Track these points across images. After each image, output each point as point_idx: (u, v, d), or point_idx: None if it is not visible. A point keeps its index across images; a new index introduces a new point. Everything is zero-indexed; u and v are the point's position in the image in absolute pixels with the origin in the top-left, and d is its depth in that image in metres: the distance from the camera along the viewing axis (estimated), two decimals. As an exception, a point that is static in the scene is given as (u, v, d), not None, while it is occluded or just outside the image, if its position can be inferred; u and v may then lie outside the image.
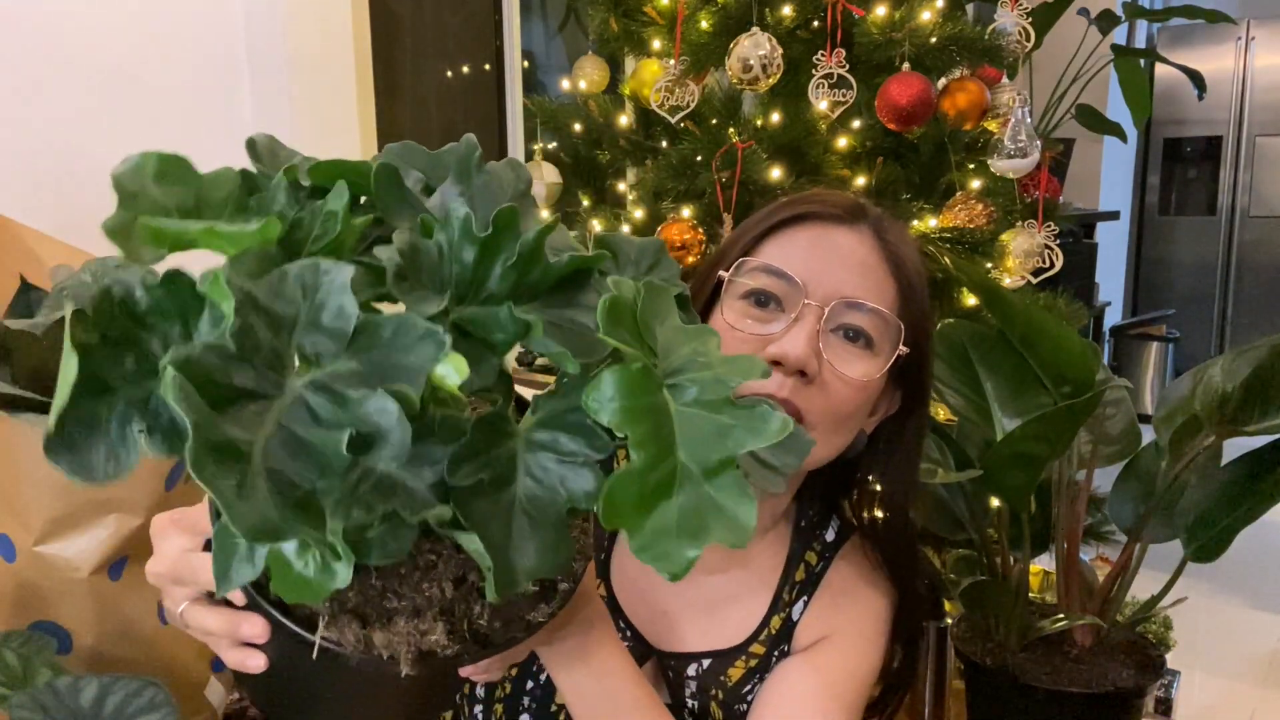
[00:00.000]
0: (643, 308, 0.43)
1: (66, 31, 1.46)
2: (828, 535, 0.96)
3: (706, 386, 0.42)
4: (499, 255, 0.44)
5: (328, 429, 0.36)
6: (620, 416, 0.39)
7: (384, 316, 0.39)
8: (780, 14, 1.57)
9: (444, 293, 0.43)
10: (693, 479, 0.40)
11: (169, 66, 1.59)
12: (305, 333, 0.37)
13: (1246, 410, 1.03)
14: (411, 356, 0.38)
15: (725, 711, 0.88)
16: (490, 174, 0.50)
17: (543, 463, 0.44)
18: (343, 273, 0.38)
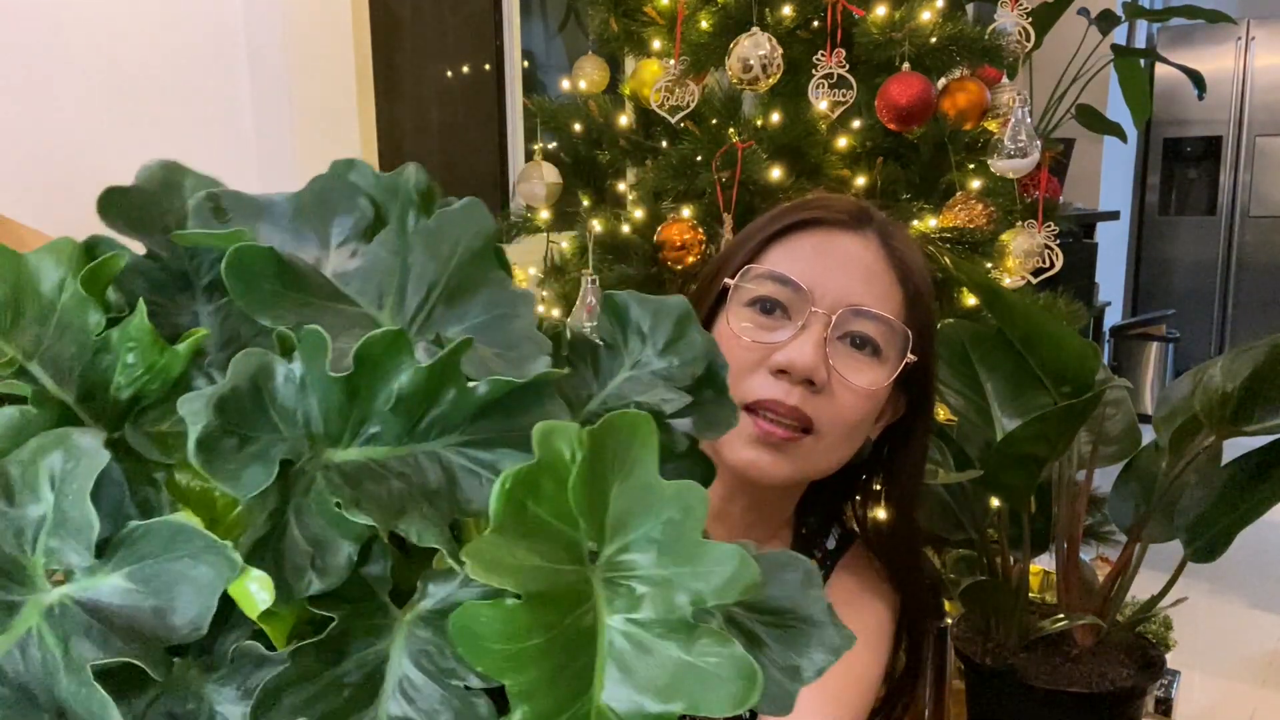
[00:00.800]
0: (585, 464, 0.29)
1: (67, 32, 1.46)
2: (829, 544, 0.96)
3: (663, 595, 0.29)
4: (372, 393, 0.31)
5: (44, 698, 0.27)
6: (494, 663, 0.27)
7: (152, 523, 0.29)
8: (780, 14, 1.57)
9: (310, 434, 0.31)
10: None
11: (169, 66, 1.59)
12: (52, 538, 0.28)
13: (1246, 410, 1.03)
14: (195, 575, 0.28)
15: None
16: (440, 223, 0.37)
17: (419, 679, 0.31)
18: (93, 460, 0.28)
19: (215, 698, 0.30)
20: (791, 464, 0.81)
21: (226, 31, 1.67)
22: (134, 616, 0.28)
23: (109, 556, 0.29)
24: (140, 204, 0.37)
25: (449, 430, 0.33)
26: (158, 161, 0.39)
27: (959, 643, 1.17)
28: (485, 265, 0.37)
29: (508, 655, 0.27)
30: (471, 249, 0.37)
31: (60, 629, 0.27)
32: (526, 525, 0.28)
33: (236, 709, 0.30)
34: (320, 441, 0.31)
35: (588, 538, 0.30)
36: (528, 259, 1.94)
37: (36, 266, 0.34)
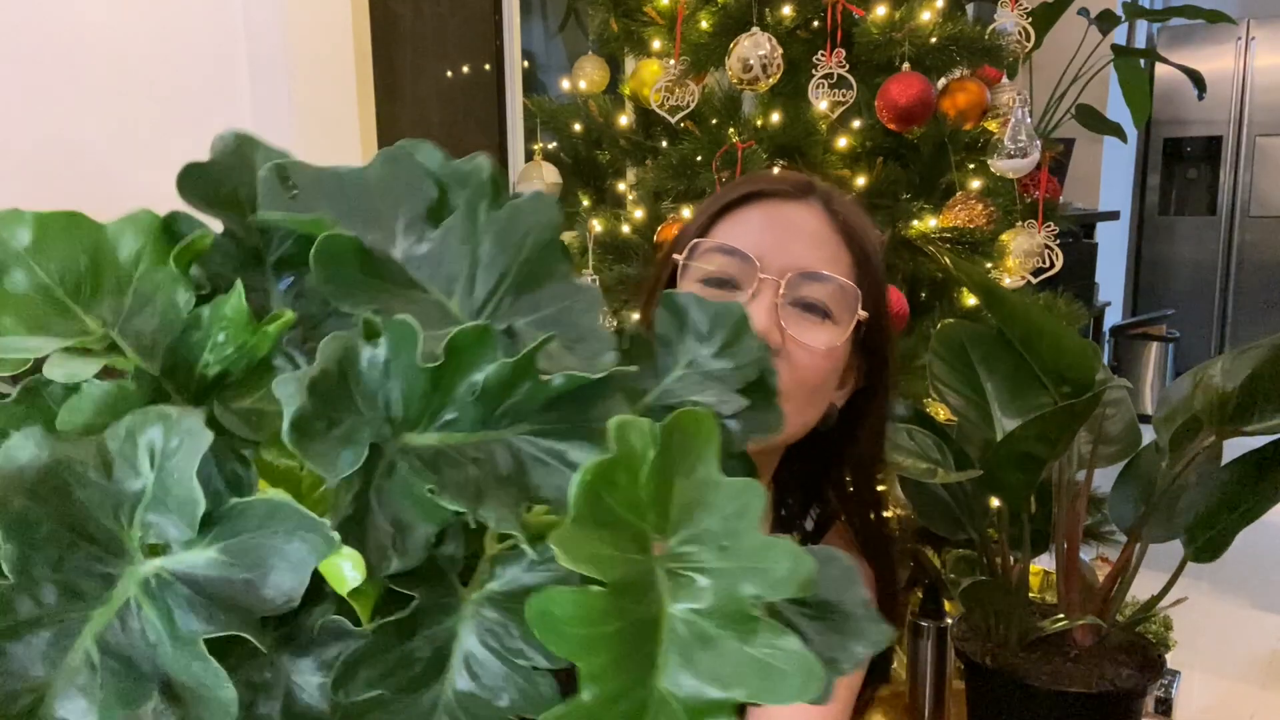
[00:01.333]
0: (656, 467, 0.30)
1: (67, 32, 1.46)
2: (807, 525, 0.96)
3: (727, 588, 0.30)
4: (455, 383, 0.32)
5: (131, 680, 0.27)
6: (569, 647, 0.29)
7: (252, 501, 0.30)
8: (780, 14, 1.57)
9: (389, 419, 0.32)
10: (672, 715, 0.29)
11: (169, 66, 1.59)
12: (151, 511, 0.29)
13: (1246, 410, 1.03)
14: (289, 547, 0.29)
15: None
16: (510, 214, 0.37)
17: (484, 655, 0.33)
18: (197, 441, 0.29)
19: (292, 669, 0.31)
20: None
21: (226, 31, 1.67)
22: (226, 589, 0.28)
23: (205, 531, 0.29)
24: (216, 178, 0.37)
25: (521, 419, 0.33)
26: (231, 131, 0.38)
27: (959, 642, 1.17)
28: (553, 258, 0.37)
29: (583, 639, 0.28)
30: (541, 241, 0.37)
31: (160, 601, 0.28)
32: (601, 516, 0.29)
33: (314, 680, 0.31)
34: (399, 425, 0.31)
35: (654, 530, 0.30)
36: (528, 259, 1.93)
37: (115, 237, 0.34)
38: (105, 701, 0.27)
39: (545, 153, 1.87)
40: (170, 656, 0.28)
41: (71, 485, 0.29)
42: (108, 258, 0.34)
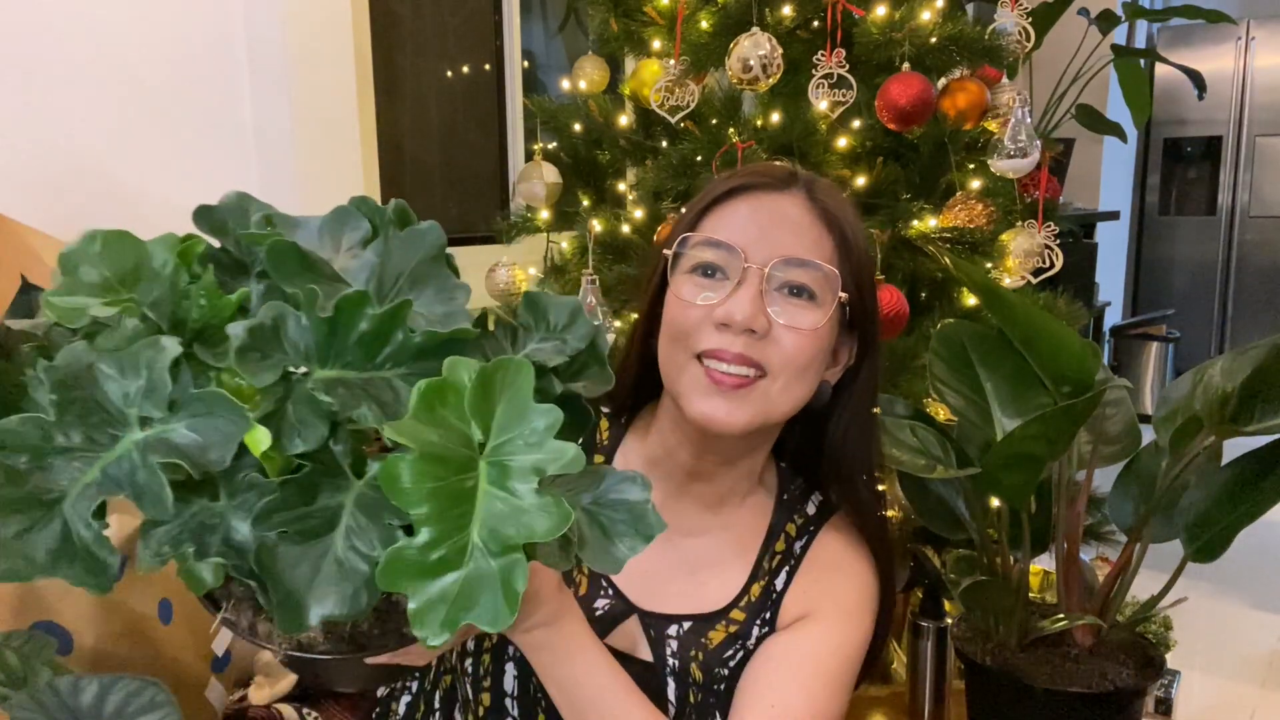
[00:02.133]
0: (477, 389, 0.46)
1: (67, 31, 1.46)
2: (808, 509, 0.98)
3: (520, 470, 0.46)
4: (348, 332, 0.49)
5: (114, 488, 0.45)
6: (405, 498, 0.44)
7: (203, 392, 0.47)
8: (780, 14, 1.57)
9: (306, 358, 0.49)
10: (482, 555, 0.44)
11: (169, 66, 1.59)
12: (144, 399, 0.47)
13: (1246, 410, 1.03)
14: (224, 425, 0.46)
15: (705, 674, 0.91)
16: (408, 237, 0.56)
17: (363, 520, 0.49)
18: (169, 352, 0.47)
19: (231, 516, 0.48)
20: (747, 410, 0.86)
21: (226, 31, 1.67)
22: (187, 448, 0.46)
23: (175, 412, 0.47)
24: (219, 217, 0.56)
25: (398, 364, 0.51)
26: (234, 192, 0.58)
27: (959, 642, 1.17)
28: (437, 265, 0.57)
29: (410, 492, 0.44)
30: (429, 255, 0.57)
31: (142, 450, 0.46)
32: (433, 417, 0.46)
33: (244, 524, 0.48)
34: (312, 363, 0.49)
35: (478, 433, 0.47)
36: (528, 259, 1.93)
37: (151, 251, 0.51)
38: (100, 506, 0.45)
39: (545, 153, 1.87)
40: (140, 478, 0.45)
41: (99, 377, 0.47)
42: (146, 262, 0.51)
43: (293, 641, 0.57)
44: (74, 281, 0.50)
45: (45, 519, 0.44)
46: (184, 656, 1.07)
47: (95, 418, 0.46)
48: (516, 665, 0.92)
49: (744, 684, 0.89)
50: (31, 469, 0.44)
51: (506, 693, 0.92)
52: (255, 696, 1.24)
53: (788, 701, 0.86)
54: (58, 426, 0.45)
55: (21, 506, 0.44)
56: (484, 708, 0.93)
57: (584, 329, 0.61)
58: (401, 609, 0.55)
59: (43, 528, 0.44)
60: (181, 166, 1.60)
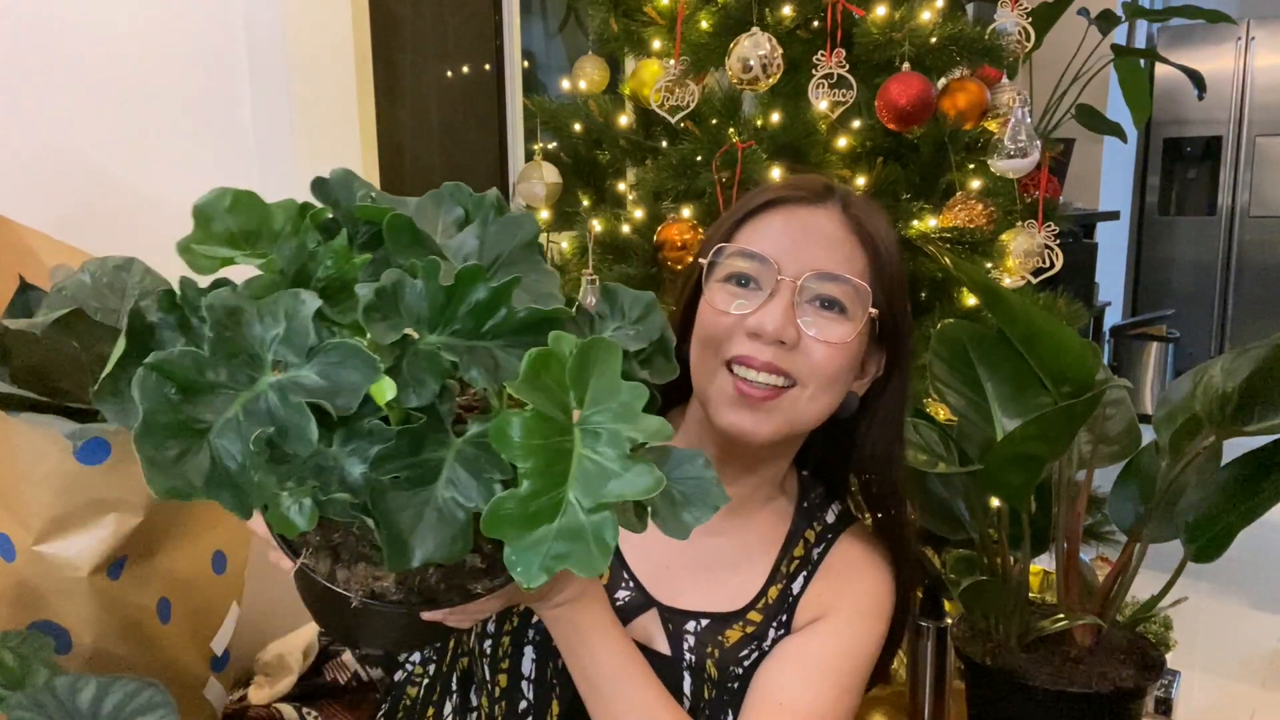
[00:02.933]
0: (577, 362, 0.51)
1: (66, 31, 1.46)
2: (828, 517, 1.00)
3: (612, 438, 0.51)
4: (461, 301, 0.55)
5: (263, 422, 0.50)
6: (514, 451, 0.49)
7: (337, 341, 0.51)
8: (780, 14, 1.56)
9: (419, 322, 0.54)
10: (574, 511, 0.49)
11: (169, 67, 1.59)
12: (281, 345, 0.51)
13: (1246, 410, 1.03)
14: (353, 374, 0.50)
15: (720, 671, 0.92)
16: (505, 223, 0.63)
17: (463, 473, 0.54)
18: (310, 305, 0.51)
19: (345, 461, 0.53)
20: (773, 420, 0.88)
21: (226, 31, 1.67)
22: (318, 392, 0.50)
23: (308, 359, 0.51)
24: (330, 190, 0.61)
25: (499, 336, 0.56)
26: (342, 169, 0.62)
27: (959, 642, 1.17)
28: (531, 250, 0.64)
29: (520, 447, 0.49)
30: (524, 239, 0.64)
31: (279, 390, 0.51)
32: (539, 384, 0.50)
33: (357, 468, 0.53)
34: (422, 329, 0.55)
35: (575, 403, 0.52)
36: (528, 259, 1.93)
37: (273, 213, 0.56)
38: (241, 437, 0.49)
39: (545, 153, 1.87)
40: (280, 413, 0.50)
41: (243, 321, 0.51)
42: (269, 222, 0.56)
43: (368, 590, 0.61)
44: (206, 233, 0.55)
45: (196, 447, 0.48)
46: (183, 656, 1.07)
47: (239, 358, 0.50)
48: (535, 649, 0.93)
49: (755, 682, 0.91)
50: (183, 399, 0.49)
51: (524, 675, 0.94)
52: (255, 696, 1.24)
53: (795, 700, 0.87)
54: (209, 363, 0.49)
55: (177, 432, 0.48)
56: (500, 689, 0.94)
57: (657, 321, 0.66)
58: (468, 568, 0.63)
59: (195, 454, 0.48)
60: (181, 166, 1.59)
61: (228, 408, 0.49)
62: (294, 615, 1.35)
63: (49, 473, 0.92)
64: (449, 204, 0.63)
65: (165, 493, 0.47)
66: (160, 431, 0.48)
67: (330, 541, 0.62)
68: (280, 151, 1.73)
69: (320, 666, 1.34)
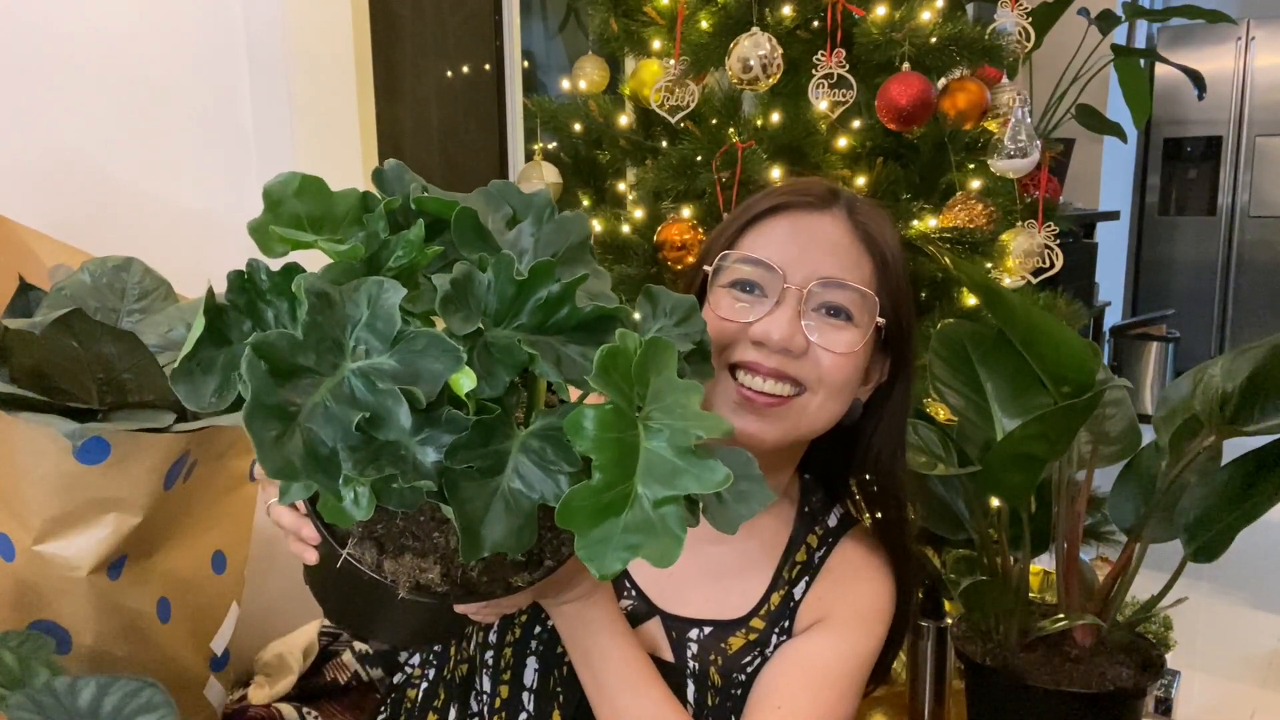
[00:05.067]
0: (640, 359, 0.52)
1: (65, 31, 1.46)
2: (830, 521, 0.99)
3: (676, 434, 0.52)
4: (531, 295, 0.56)
5: (356, 407, 0.50)
6: (589, 444, 0.50)
7: (421, 330, 0.52)
8: (780, 14, 1.56)
9: (485, 315, 0.55)
10: (642, 504, 0.50)
11: (169, 66, 1.59)
12: (363, 331, 0.52)
13: (1246, 410, 1.03)
14: (435, 364, 0.51)
15: (723, 678, 0.91)
16: (559, 222, 0.64)
17: (528, 464, 0.55)
18: (396, 293, 0.52)
19: (417, 450, 0.53)
20: (779, 427, 0.87)
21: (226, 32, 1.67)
22: (399, 379, 0.51)
23: (391, 346, 0.52)
24: (386, 180, 0.62)
25: (562, 331, 0.58)
26: (394, 161, 0.64)
27: (959, 642, 1.17)
28: (583, 250, 0.64)
29: (596, 439, 0.50)
30: (577, 240, 0.64)
31: (362, 375, 0.51)
32: (609, 378, 0.51)
33: (431, 455, 0.53)
34: (490, 322, 0.56)
35: (638, 399, 0.53)
36: (528, 259, 1.93)
37: (338, 198, 0.57)
38: (330, 420, 0.50)
39: (545, 153, 1.87)
40: (367, 398, 0.51)
41: (329, 304, 0.52)
42: (333, 208, 0.57)
43: (413, 581, 0.62)
44: (275, 215, 0.55)
45: (291, 429, 0.49)
46: (183, 656, 1.07)
47: (326, 342, 0.51)
48: (539, 660, 0.93)
49: (757, 686, 0.90)
50: (278, 380, 0.49)
51: (526, 686, 0.94)
52: (255, 696, 1.24)
53: (795, 704, 0.87)
54: (301, 346, 0.50)
55: (275, 413, 0.48)
56: (501, 699, 0.94)
57: (698, 324, 0.67)
58: (509, 562, 0.65)
59: (291, 436, 0.48)
60: (181, 166, 1.59)
61: (314, 392, 0.50)
62: (294, 615, 1.35)
63: (48, 472, 0.92)
64: (497, 202, 0.63)
65: (276, 472, 0.48)
66: (264, 412, 0.48)
67: (374, 533, 0.63)
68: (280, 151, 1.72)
69: (320, 666, 1.33)
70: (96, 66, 1.49)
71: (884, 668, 0.99)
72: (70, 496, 0.94)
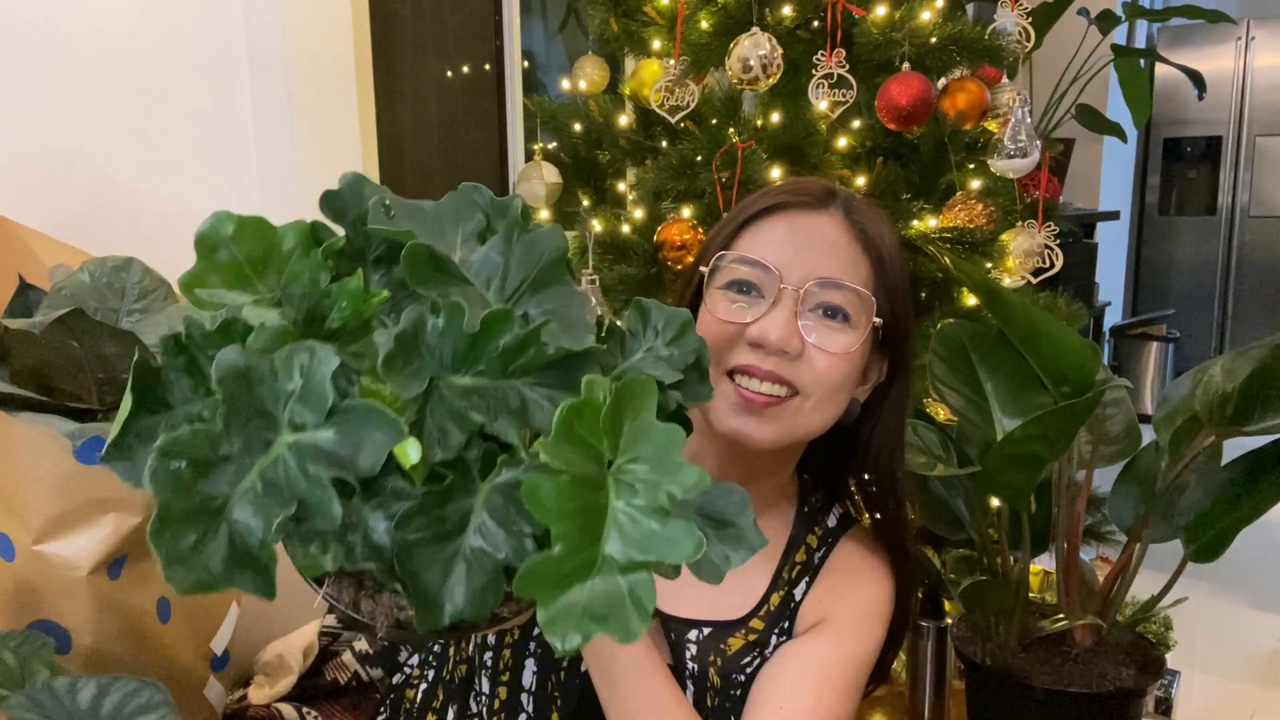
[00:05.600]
0: (611, 407, 0.47)
1: (66, 31, 1.46)
2: (829, 521, 0.99)
3: (650, 492, 0.47)
4: (486, 345, 0.50)
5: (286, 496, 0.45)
6: (547, 515, 0.45)
7: (358, 403, 0.47)
8: (780, 14, 1.56)
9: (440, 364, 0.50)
10: (611, 570, 0.45)
11: (169, 67, 1.59)
12: (296, 404, 0.47)
13: (1246, 410, 1.03)
14: (376, 434, 0.46)
15: (722, 679, 0.91)
16: (531, 240, 0.57)
17: (491, 524, 0.50)
18: (329, 363, 0.47)
19: (369, 516, 0.49)
20: (776, 427, 0.86)
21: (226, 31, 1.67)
22: (337, 455, 0.46)
23: (328, 419, 0.46)
24: (340, 202, 0.56)
25: (528, 374, 0.52)
26: (351, 174, 0.57)
27: (959, 642, 1.17)
28: (559, 271, 0.57)
29: (554, 510, 0.45)
30: (551, 259, 0.57)
31: (298, 455, 0.46)
32: (572, 437, 0.46)
33: (382, 524, 0.48)
34: (447, 370, 0.50)
35: (608, 451, 0.47)
36: (528, 259, 1.93)
37: (281, 236, 0.51)
38: (260, 510, 0.45)
39: (545, 153, 1.87)
40: (302, 487, 0.45)
41: (254, 381, 0.46)
42: (277, 249, 0.51)
43: (393, 619, 0.59)
44: (210, 264, 0.50)
45: (214, 527, 0.44)
46: (183, 656, 1.07)
47: (254, 422, 0.46)
48: (537, 662, 0.93)
49: (757, 687, 0.90)
50: (198, 476, 0.44)
51: (524, 688, 0.94)
52: (255, 696, 1.24)
53: (798, 706, 0.87)
54: (224, 436, 0.45)
55: (194, 516, 0.44)
56: (499, 700, 0.94)
57: (693, 342, 0.61)
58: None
59: (214, 536, 0.44)
60: (181, 166, 1.59)
61: (244, 477, 0.45)
62: (294, 615, 1.35)
63: (48, 472, 0.92)
64: (468, 210, 0.57)
65: (189, 588, 0.43)
66: (178, 520, 0.43)
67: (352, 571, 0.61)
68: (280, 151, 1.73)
69: (320, 666, 1.33)
70: (96, 66, 1.49)
71: (883, 668, 0.99)
72: (70, 496, 0.94)
